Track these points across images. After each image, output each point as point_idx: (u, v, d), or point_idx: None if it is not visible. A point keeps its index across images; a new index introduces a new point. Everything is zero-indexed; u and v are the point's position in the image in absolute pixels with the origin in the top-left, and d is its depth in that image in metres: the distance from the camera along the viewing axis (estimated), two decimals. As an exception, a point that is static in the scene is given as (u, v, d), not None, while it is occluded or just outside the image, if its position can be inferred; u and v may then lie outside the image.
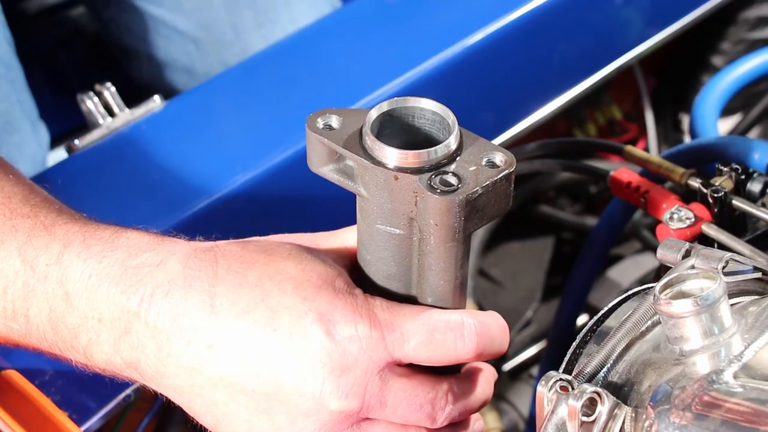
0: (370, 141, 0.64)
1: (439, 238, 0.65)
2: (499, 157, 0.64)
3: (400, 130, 0.67)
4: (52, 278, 0.69)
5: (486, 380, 0.72)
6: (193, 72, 1.51)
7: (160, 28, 1.51)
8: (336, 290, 0.67)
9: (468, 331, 0.68)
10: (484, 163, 0.64)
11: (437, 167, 0.63)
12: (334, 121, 0.66)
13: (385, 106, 0.66)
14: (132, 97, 1.23)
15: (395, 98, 0.67)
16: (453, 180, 0.63)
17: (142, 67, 1.57)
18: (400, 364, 0.67)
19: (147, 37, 1.52)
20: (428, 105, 0.67)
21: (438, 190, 0.62)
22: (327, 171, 0.67)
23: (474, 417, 0.73)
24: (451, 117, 0.66)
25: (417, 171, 0.63)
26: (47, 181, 0.83)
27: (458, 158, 0.64)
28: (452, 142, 0.64)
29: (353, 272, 0.72)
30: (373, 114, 0.66)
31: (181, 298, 0.66)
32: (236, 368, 0.65)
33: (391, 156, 0.63)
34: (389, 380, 0.66)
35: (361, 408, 0.65)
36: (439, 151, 0.64)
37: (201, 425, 0.70)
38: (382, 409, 0.66)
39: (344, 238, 0.74)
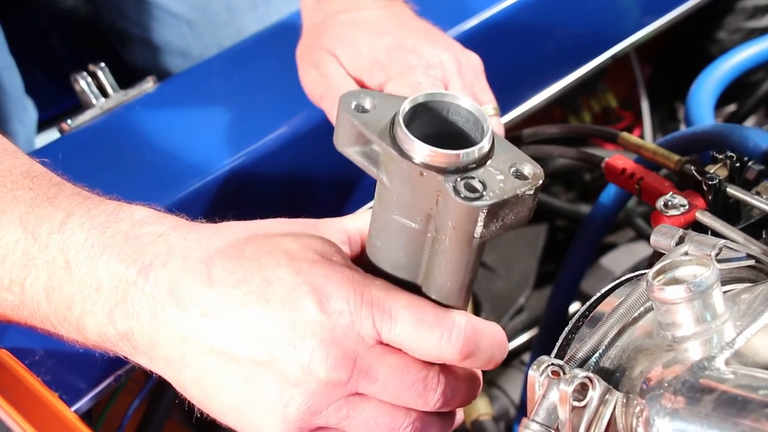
0: (401, 133, 0.63)
1: (453, 241, 0.64)
2: (528, 169, 0.63)
3: (432, 122, 0.66)
4: (53, 246, 0.69)
5: (474, 375, 0.72)
6: (187, 54, 1.51)
7: (153, 11, 1.50)
8: (332, 264, 0.67)
9: (456, 332, 0.67)
10: (512, 172, 0.63)
11: (465, 170, 0.62)
12: (368, 103, 0.65)
13: (420, 98, 0.65)
14: (126, 81, 1.22)
15: (432, 91, 0.65)
16: (478, 186, 0.62)
17: (135, 51, 1.56)
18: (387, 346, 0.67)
19: (140, 20, 1.52)
20: (465, 103, 0.65)
21: (462, 195, 0.61)
22: (352, 152, 0.66)
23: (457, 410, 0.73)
24: (486, 120, 0.64)
25: (443, 171, 0.62)
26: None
27: (487, 164, 0.63)
28: (483, 147, 0.63)
29: (356, 256, 0.72)
30: (407, 105, 0.64)
31: (179, 268, 0.67)
32: (228, 337, 0.65)
33: (421, 151, 0.62)
34: (380, 355, 0.66)
35: (350, 378, 0.65)
36: (469, 155, 0.62)
37: (191, 404, 0.70)
38: (372, 383, 0.66)
39: (345, 224, 0.74)
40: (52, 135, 1.39)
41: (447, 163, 0.62)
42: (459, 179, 0.62)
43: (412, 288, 0.69)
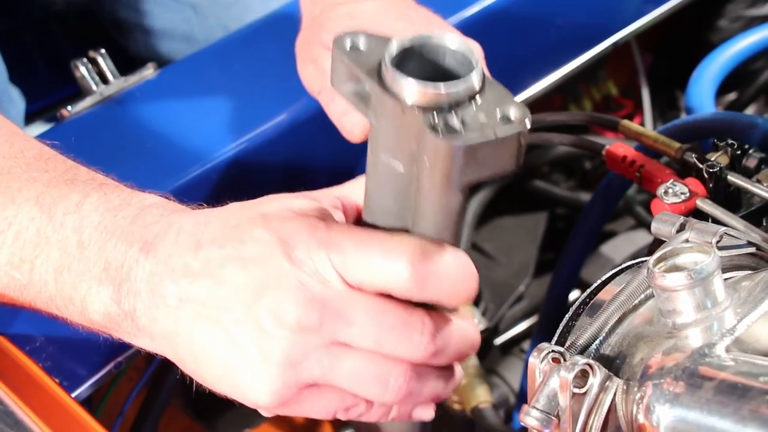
0: (386, 68, 0.61)
1: (432, 182, 0.62)
2: (513, 112, 0.61)
3: (428, 66, 0.64)
4: (68, 226, 0.71)
5: (467, 322, 0.69)
6: (192, 39, 1.50)
7: (155, -3, 1.50)
8: (304, 218, 0.67)
9: (406, 258, 0.64)
10: (497, 114, 0.60)
11: (447, 108, 0.60)
12: (362, 43, 0.64)
13: (407, 41, 0.63)
14: (126, 69, 1.22)
15: (421, 34, 0.63)
16: (456, 125, 0.59)
17: (137, 40, 1.55)
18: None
19: (141, 6, 1.51)
20: (452, 43, 0.63)
21: (438, 132, 0.59)
22: (346, 91, 0.65)
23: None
24: (474, 56, 0.62)
25: (426, 108, 0.60)
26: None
27: (472, 103, 0.61)
28: (467, 84, 0.61)
29: (352, 221, 0.72)
30: (396, 42, 0.62)
31: (173, 243, 0.68)
32: (211, 300, 0.67)
33: (404, 87, 0.60)
34: (352, 298, 0.66)
35: (321, 323, 0.65)
36: (453, 92, 0.60)
37: (190, 390, 0.70)
38: (348, 327, 0.65)
39: (339, 190, 0.75)
40: (39, 128, 1.38)
41: (429, 100, 0.60)
42: (437, 116, 0.59)
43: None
